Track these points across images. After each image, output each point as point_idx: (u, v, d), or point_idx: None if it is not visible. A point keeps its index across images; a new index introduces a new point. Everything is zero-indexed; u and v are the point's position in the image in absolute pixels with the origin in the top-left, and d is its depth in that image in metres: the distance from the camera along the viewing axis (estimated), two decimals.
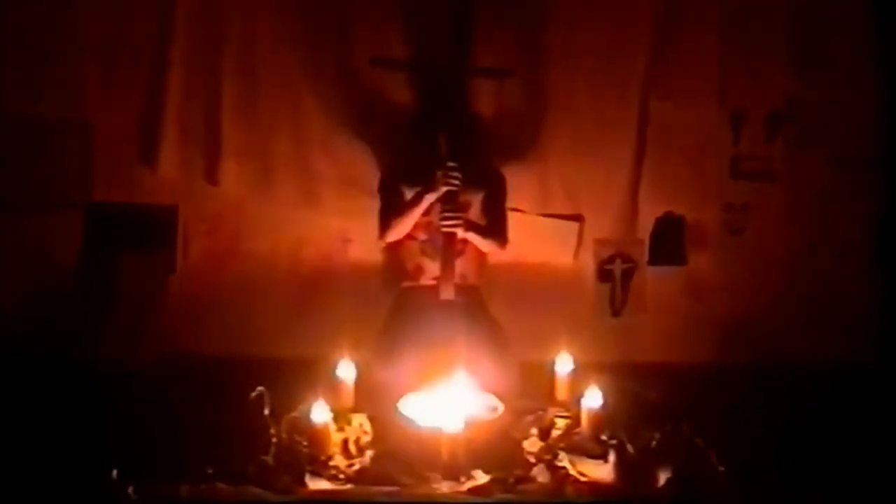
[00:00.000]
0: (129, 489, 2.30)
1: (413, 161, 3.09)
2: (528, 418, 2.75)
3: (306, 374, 2.81)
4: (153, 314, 3.24)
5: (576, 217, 3.40)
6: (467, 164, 2.96)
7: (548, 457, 2.55)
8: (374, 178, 3.17)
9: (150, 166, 3.28)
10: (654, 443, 2.56)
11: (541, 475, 2.48)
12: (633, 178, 3.39)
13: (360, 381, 2.83)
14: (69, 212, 3.28)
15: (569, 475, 2.47)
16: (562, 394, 2.86)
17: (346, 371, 2.83)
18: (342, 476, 2.46)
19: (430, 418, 2.59)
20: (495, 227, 3.09)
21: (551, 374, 2.89)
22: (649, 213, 3.42)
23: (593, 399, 2.65)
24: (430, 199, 2.96)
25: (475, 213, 3.07)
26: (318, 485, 2.43)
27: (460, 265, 3.00)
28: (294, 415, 2.66)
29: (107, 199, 3.30)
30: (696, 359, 3.33)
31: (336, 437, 2.58)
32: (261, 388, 2.66)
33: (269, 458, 2.47)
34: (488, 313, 3.05)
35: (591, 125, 3.33)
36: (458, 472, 2.42)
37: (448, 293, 2.96)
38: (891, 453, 2.57)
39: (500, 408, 2.68)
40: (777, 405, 2.88)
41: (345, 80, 3.28)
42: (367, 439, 2.63)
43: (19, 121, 3.22)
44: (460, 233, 2.97)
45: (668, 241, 3.43)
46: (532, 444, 2.63)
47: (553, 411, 2.79)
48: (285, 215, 3.35)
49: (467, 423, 2.48)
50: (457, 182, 2.92)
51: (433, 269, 3.01)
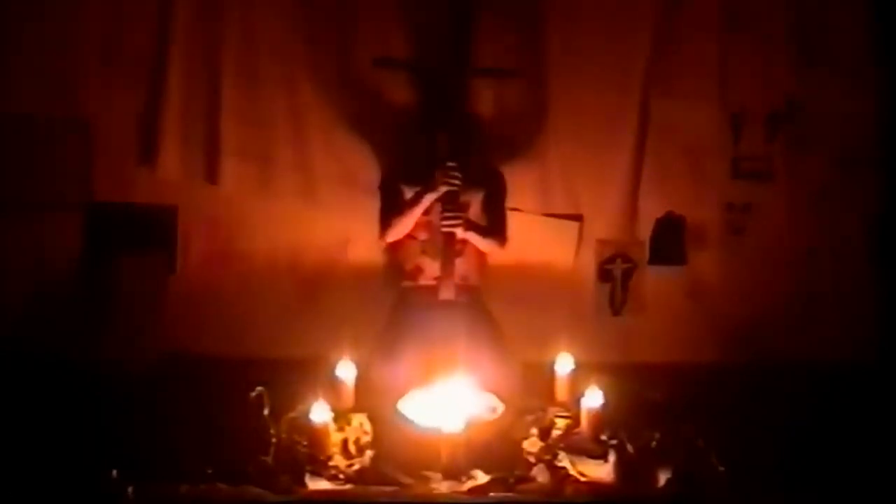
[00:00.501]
0: (129, 489, 2.30)
1: (413, 161, 3.09)
2: (528, 418, 2.75)
3: (306, 374, 2.81)
4: (153, 314, 3.24)
5: (576, 217, 3.40)
6: (467, 164, 2.97)
7: (548, 457, 2.55)
8: (374, 177, 3.17)
9: (150, 166, 3.27)
10: (654, 443, 2.57)
11: (541, 475, 2.48)
12: (633, 179, 3.38)
13: (360, 381, 2.83)
14: (69, 212, 3.28)
15: (569, 475, 2.48)
16: (562, 394, 2.86)
17: (346, 371, 2.83)
18: (342, 476, 2.46)
19: (430, 418, 2.59)
20: (495, 227, 3.09)
21: (551, 374, 2.89)
22: (649, 213, 3.42)
23: (593, 399, 2.65)
24: (430, 198, 2.95)
25: (475, 213, 3.07)
26: (317, 485, 2.43)
27: (460, 265, 3.00)
28: (294, 415, 2.66)
29: (107, 199, 3.30)
30: (696, 359, 3.32)
31: (336, 437, 2.59)
32: (261, 388, 2.66)
33: (269, 458, 2.47)
34: (488, 313, 3.04)
35: (592, 125, 3.33)
36: (458, 472, 2.43)
37: (448, 293, 2.96)
38: (891, 453, 2.57)
39: (500, 408, 2.68)
40: (777, 405, 2.88)
41: (345, 80, 3.28)
42: (367, 439, 2.63)
43: (19, 121, 3.22)
44: (460, 233, 2.97)
45: (668, 241, 3.43)
46: (532, 444, 2.63)
47: (553, 411, 2.79)
48: (285, 215, 3.35)
49: (467, 423, 2.48)
50: (457, 182, 2.92)
51: (433, 269, 3.00)
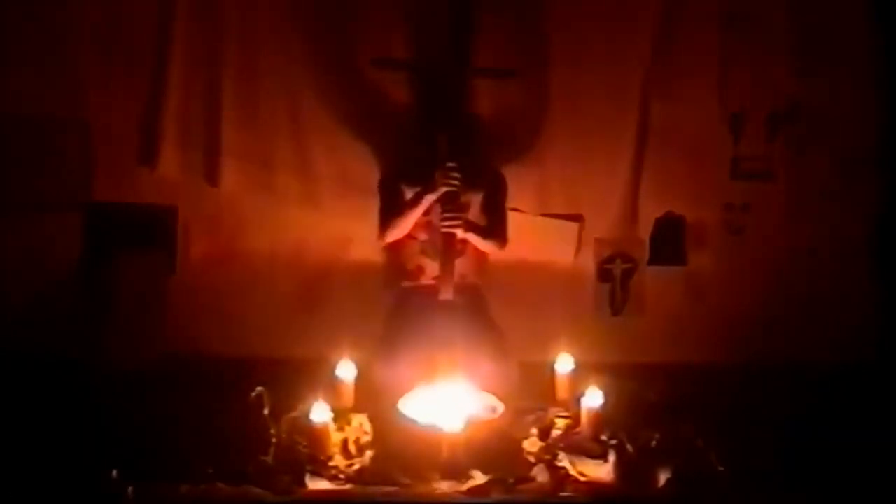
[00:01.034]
0: (129, 489, 2.30)
1: (413, 161, 3.09)
2: (528, 418, 2.75)
3: (306, 374, 2.82)
4: (153, 314, 3.24)
5: (576, 217, 3.40)
6: (467, 165, 2.96)
7: (548, 457, 2.55)
8: (374, 177, 3.17)
9: (150, 166, 3.27)
10: (653, 443, 2.56)
11: (541, 475, 2.48)
12: (633, 179, 3.38)
13: (360, 381, 2.83)
14: (69, 212, 3.28)
15: (569, 475, 2.47)
16: (562, 394, 2.86)
17: (346, 371, 2.83)
18: (342, 476, 2.46)
19: (429, 418, 2.59)
20: (495, 228, 3.09)
21: (551, 374, 2.89)
22: (649, 213, 3.42)
23: (593, 399, 2.65)
24: (429, 199, 2.95)
25: (475, 214, 3.07)
26: (318, 485, 2.43)
27: (460, 265, 2.99)
28: (294, 415, 2.66)
29: (107, 199, 3.30)
30: (696, 359, 3.32)
31: (336, 437, 2.59)
32: (261, 388, 2.67)
33: (269, 458, 2.47)
34: (488, 313, 3.04)
35: (592, 125, 3.33)
36: (457, 472, 2.43)
37: (448, 293, 2.96)
38: (891, 453, 2.57)
39: (500, 408, 2.68)
40: (777, 405, 2.88)
41: (345, 80, 3.28)
42: (366, 439, 2.63)
43: (19, 121, 3.22)
44: (460, 233, 2.97)
45: (668, 241, 3.43)
46: (532, 444, 2.63)
47: (553, 411, 2.79)
48: (285, 215, 3.35)
49: (467, 423, 2.48)
50: (457, 182, 2.92)
51: (433, 269, 3.00)
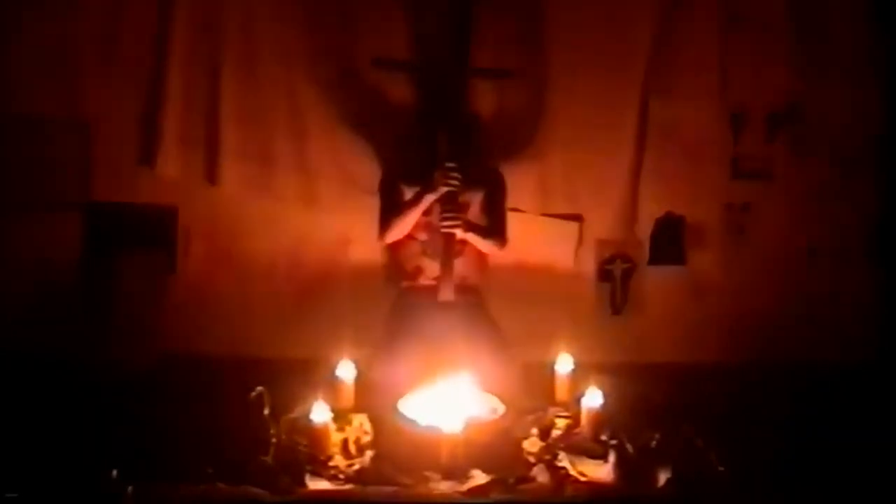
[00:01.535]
0: (129, 489, 2.30)
1: (413, 161, 3.09)
2: (528, 418, 2.74)
3: (306, 374, 2.82)
4: (153, 314, 3.24)
5: (576, 217, 3.40)
6: (467, 164, 2.96)
7: (548, 457, 2.55)
8: (374, 177, 3.17)
9: (150, 166, 3.27)
10: (654, 443, 2.56)
11: (541, 475, 2.48)
12: (633, 179, 3.39)
13: (360, 381, 2.83)
14: (69, 212, 3.28)
15: (569, 475, 2.47)
16: (562, 394, 2.86)
17: (346, 371, 2.83)
18: (342, 476, 2.46)
19: (429, 418, 2.58)
20: (495, 228, 3.09)
21: (551, 374, 2.89)
22: (649, 213, 3.42)
23: (593, 399, 2.65)
24: (429, 199, 2.95)
25: (475, 213, 3.07)
26: (317, 485, 2.43)
27: (460, 265, 3.00)
28: (294, 415, 2.66)
29: (106, 199, 3.30)
30: (696, 359, 3.32)
31: (336, 437, 2.58)
32: (261, 388, 2.66)
33: (269, 458, 2.47)
34: (488, 313, 3.04)
35: (591, 125, 3.33)
36: (457, 472, 2.42)
37: (448, 294, 2.96)
38: (891, 453, 2.57)
39: (500, 408, 2.68)
40: (777, 405, 2.88)
41: (345, 80, 3.28)
42: (367, 439, 2.63)
43: (19, 121, 3.22)
44: (460, 233, 2.97)
45: (668, 241, 3.43)
46: (532, 444, 2.63)
47: (553, 411, 2.79)
48: (285, 215, 3.35)
49: (467, 424, 2.48)
50: (456, 182, 2.92)
51: (433, 269, 3.00)
